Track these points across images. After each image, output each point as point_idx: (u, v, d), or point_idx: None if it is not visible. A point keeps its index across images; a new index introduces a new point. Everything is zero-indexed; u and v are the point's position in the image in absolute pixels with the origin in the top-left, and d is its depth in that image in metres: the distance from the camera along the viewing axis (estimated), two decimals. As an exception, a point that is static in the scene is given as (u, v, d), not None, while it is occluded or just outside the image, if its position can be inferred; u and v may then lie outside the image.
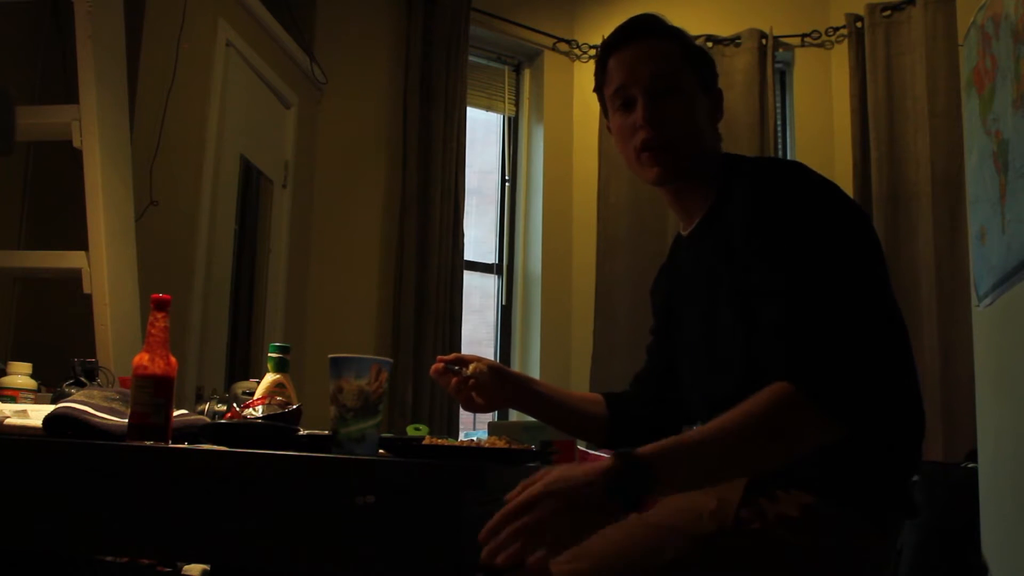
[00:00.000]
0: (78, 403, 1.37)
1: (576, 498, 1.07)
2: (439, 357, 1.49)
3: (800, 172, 1.30)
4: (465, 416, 4.38)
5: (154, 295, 1.36)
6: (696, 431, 1.15)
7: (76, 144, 2.27)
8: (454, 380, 1.46)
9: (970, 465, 2.88)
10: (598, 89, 1.49)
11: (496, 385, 1.47)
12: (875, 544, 1.25)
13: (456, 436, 4.06)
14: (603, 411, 1.57)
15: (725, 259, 1.30)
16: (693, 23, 4.41)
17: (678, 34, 1.44)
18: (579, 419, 1.58)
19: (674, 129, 1.38)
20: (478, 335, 4.87)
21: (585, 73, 4.99)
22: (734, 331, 1.28)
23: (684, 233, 1.47)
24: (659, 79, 1.38)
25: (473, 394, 1.46)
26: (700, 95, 1.41)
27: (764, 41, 4.70)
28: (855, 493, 1.23)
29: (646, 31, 1.42)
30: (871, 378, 1.17)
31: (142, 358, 1.32)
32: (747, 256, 1.24)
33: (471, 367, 1.45)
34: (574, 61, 5.01)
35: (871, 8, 4.56)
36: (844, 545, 1.23)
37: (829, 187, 1.30)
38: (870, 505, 1.24)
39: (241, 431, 1.38)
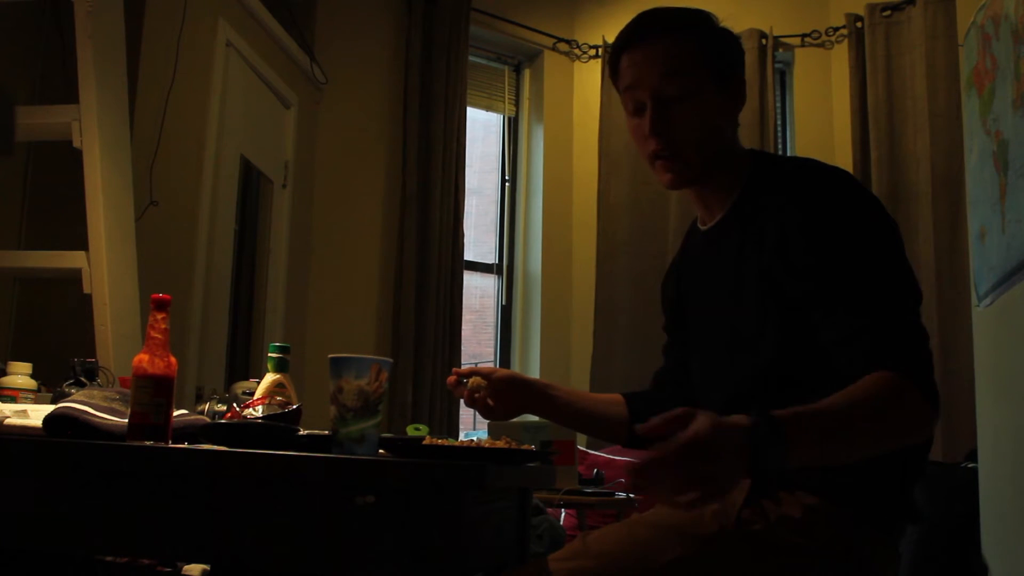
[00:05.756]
0: (78, 403, 1.37)
1: (720, 451, 0.96)
2: (454, 370, 1.51)
3: (849, 178, 1.29)
4: (465, 416, 4.38)
5: (154, 295, 1.36)
6: (823, 404, 1.07)
7: (76, 144, 2.27)
8: (465, 391, 1.48)
9: (970, 465, 2.88)
10: (613, 80, 1.43)
11: (510, 393, 1.49)
12: (877, 547, 1.24)
13: (456, 436, 4.06)
14: (623, 412, 1.57)
15: (758, 252, 1.28)
16: (693, 23, 4.41)
17: (692, 27, 1.36)
18: (598, 422, 1.58)
19: (684, 136, 1.33)
20: (478, 335, 4.87)
21: (585, 73, 4.99)
22: (764, 315, 1.28)
23: (703, 227, 1.45)
24: (668, 84, 1.32)
25: (489, 401, 1.47)
26: (714, 93, 1.35)
27: (764, 41, 4.70)
28: (859, 496, 1.23)
29: (657, 29, 1.35)
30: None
31: (142, 358, 1.32)
32: (805, 259, 1.22)
33: (471, 380, 1.47)
34: (574, 61, 5.01)
35: (871, 8, 4.56)
36: (846, 547, 1.22)
37: (873, 196, 1.30)
38: (874, 509, 1.24)
39: (241, 431, 1.37)
